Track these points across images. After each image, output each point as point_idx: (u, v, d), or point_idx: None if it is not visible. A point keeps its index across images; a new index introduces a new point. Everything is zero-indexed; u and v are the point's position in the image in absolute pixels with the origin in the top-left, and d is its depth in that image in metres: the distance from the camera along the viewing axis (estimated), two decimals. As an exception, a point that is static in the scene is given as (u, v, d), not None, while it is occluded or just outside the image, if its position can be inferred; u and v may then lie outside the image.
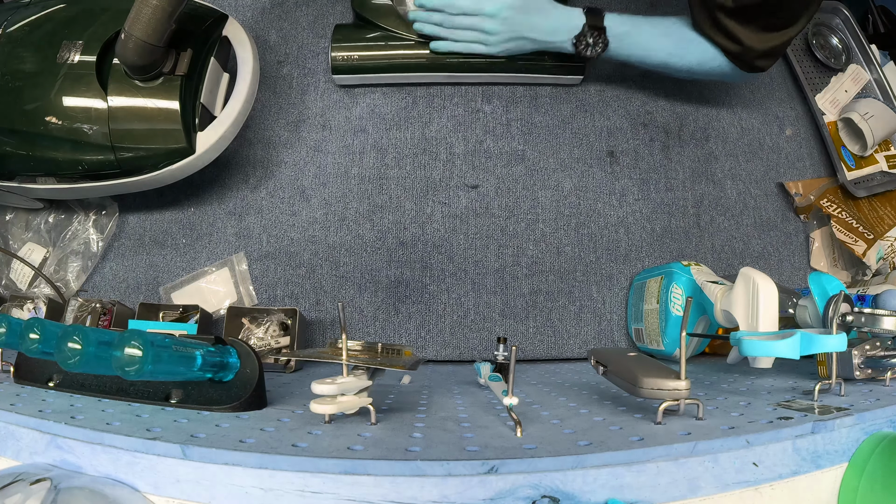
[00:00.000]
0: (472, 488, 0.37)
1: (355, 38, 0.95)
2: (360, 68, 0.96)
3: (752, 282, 0.61)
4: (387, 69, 0.96)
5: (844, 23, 1.14)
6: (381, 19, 0.95)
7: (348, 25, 0.98)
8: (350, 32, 0.96)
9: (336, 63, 0.95)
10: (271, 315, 0.84)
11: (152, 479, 0.40)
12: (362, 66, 0.96)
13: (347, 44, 0.95)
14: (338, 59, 0.95)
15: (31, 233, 0.92)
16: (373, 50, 0.95)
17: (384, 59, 0.96)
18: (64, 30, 0.76)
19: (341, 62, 0.95)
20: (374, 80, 0.99)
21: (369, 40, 0.95)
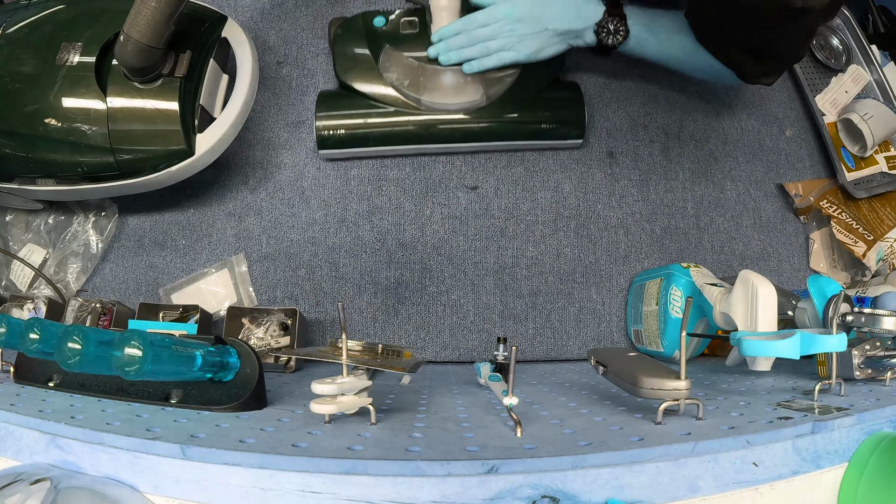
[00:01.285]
0: (472, 488, 0.37)
1: (341, 107, 0.91)
2: (348, 141, 0.92)
3: (751, 285, 0.61)
4: (377, 141, 0.92)
5: (845, 23, 1.14)
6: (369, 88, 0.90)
7: (333, 94, 0.94)
8: (335, 101, 0.92)
9: (322, 136, 0.91)
10: (271, 315, 0.84)
11: (152, 479, 0.40)
12: (350, 139, 0.91)
13: (333, 114, 0.91)
14: (323, 131, 0.90)
15: (30, 234, 0.92)
16: (361, 120, 0.91)
17: (375, 131, 0.91)
18: (63, 31, 0.76)
19: (327, 135, 0.91)
20: (363, 154, 0.95)
21: (357, 111, 0.91)
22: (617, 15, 0.84)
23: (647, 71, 1.04)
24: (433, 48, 0.89)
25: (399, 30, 0.92)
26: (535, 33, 0.87)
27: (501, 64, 0.88)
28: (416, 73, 0.90)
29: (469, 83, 0.90)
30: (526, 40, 0.87)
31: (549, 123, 0.94)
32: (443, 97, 0.90)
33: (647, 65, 0.91)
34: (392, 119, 0.91)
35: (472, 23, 0.87)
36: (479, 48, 0.88)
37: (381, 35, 0.91)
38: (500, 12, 0.86)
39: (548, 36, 0.87)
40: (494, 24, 0.86)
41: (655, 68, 0.91)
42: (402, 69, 0.90)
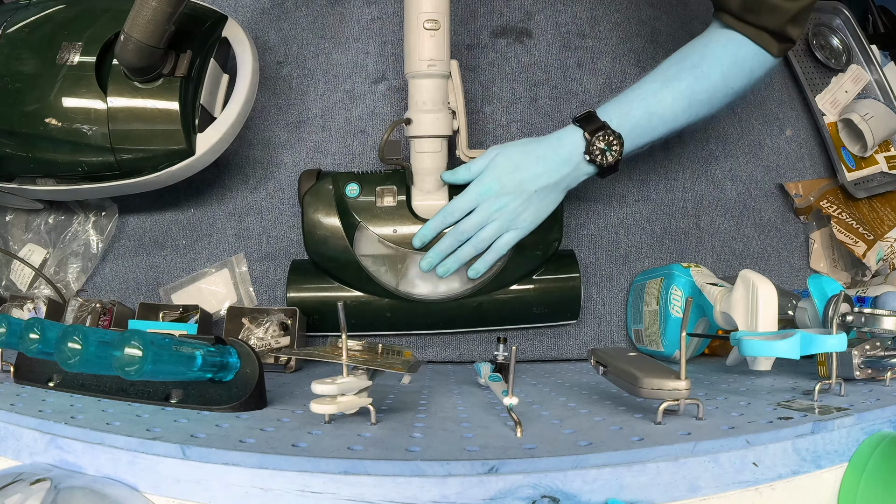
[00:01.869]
0: (472, 488, 0.37)
1: (313, 283, 0.85)
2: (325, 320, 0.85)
3: (751, 284, 0.62)
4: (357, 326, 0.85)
5: (845, 23, 1.14)
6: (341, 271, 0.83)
7: (305, 266, 0.86)
8: (307, 276, 0.85)
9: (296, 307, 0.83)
10: (271, 315, 0.84)
11: (152, 479, 0.40)
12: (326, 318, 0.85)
13: (305, 289, 0.85)
14: (296, 303, 0.84)
15: (30, 234, 0.92)
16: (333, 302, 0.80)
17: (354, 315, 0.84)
18: (63, 31, 0.76)
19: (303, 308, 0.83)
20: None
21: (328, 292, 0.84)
22: (598, 128, 0.74)
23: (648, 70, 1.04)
24: (424, 261, 0.79)
25: (375, 201, 0.82)
26: (527, 200, 0.76)
27: (506, 251, 0.79)
28: (393, 259, 0.82)
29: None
30: (521, 213, 0.76)
31: (540, 309, 0.86)
32: (423, 287, 0.82)
33: (649, 63, 0.90)
34: (367, 304, 0.83)
35: (455, 213, 0.77)
36: (474, 243, 0.77)
37: (355, 208, 0.82)
38: (481, 191, 0.75)
39: (542, 195, 0.76)
40: (480, 207, 0.76)
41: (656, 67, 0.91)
42: (378, 253, 0.82)
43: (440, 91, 0.78)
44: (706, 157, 1.03)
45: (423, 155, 0.79)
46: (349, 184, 0.82)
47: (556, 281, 0.86)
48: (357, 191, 0.82)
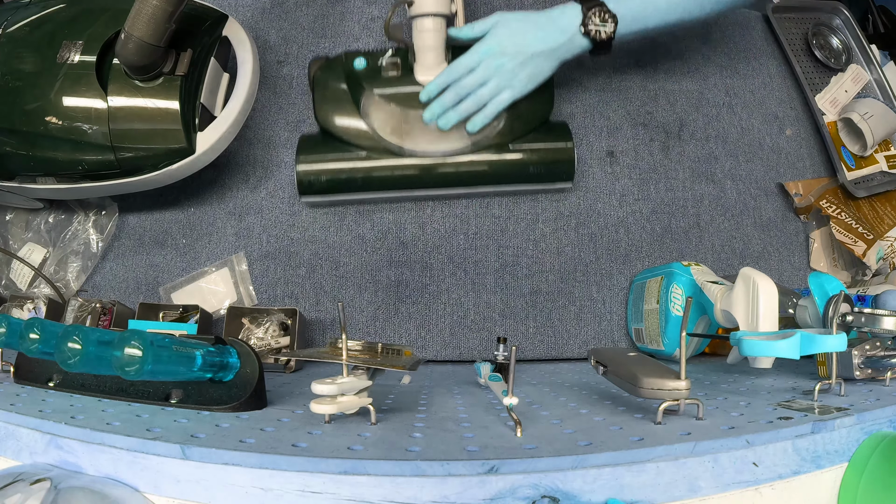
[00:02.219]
0: (472, 488, 0.37)
1: (323, 152, 0.88)
2: (330, 187, 0.88)
3: (752, 282, 0.61)
4: (360, 187, 0.89)
5: (844, 23, 1.14)
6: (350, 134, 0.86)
7: (314, 138, 0.90)
8: (317, 146, 0.88)
9: (304, 182, 0.87)
10: (271, 315, 0.84)
11: (152, 479, 0.40)
12: (332, 184, 0.88)
13: (316, 158, 0.87)
14: (305, 177, 0.87)
15: (30, 233, 0.92)
16: (344, 166, 0.87)
17: (357, 177, 0.87)
18: (64, 30, 0.76)
19: (309, 181, 0.87)
20: (345, 200, 0.92)
21: (339, 155, 0.87)
22: (595, 5, 0.80)
23: (648, 70, 1.04)
24: (427, 112, 0.85)
25: (381, 72, 0.87)
26: (524, 62, 0.82)
27: (503, 108, 0.84)
28: (398, 118, 0.86)
29: (453, 129, 0.86)
30: (518, 73, 0.83)
31: (537, 167, 0.90)
32: (426, 144, 0.86)
33: (649, 62, 0.90)
34: (375, 165, 0.87)
35: (458, 70, 0.83)
36: (474, 99, 0.83)
37: (362, 77, 0.87)
38: (483, 51, 0.81)
39: (538, 61, 0.83)
40: (480, 66, 0.82)
41: (656, 67, 0.91)
42: (384, 115, 0.86)
43: None
44: (706, 156, 1.03)
45: (424, 33, 0.84)
46: (357, 58, 0.88)
47: (551, 143, 0.90)
48: (364, 63, 0.87)
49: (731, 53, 1.10)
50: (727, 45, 1.10)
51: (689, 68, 1.07)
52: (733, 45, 1.10)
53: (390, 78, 0.87)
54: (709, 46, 1.09)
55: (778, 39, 1.11)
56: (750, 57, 1.10)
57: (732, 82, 1.08)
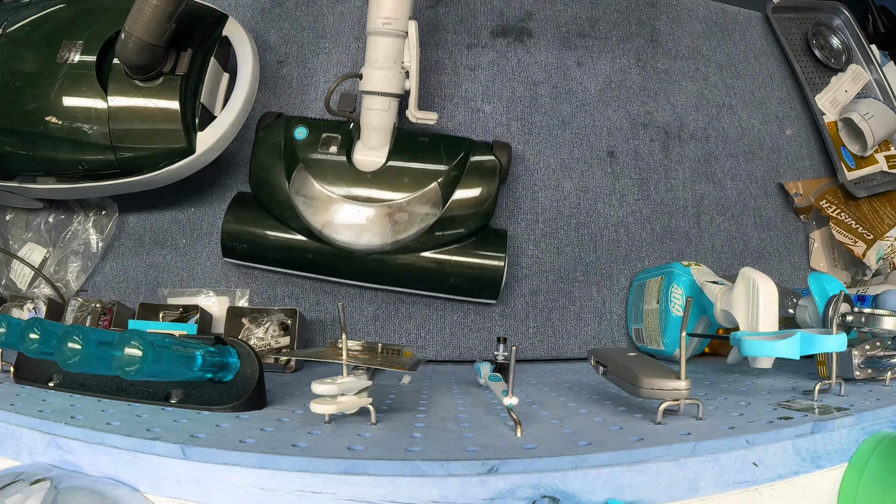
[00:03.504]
0: (472, 488, 0.37)
1: (250, 220, 0.84)
2: (251, 257, 0.86)
3: (752, 282, 0.61)
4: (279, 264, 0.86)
5: (845, 23, 1.14)
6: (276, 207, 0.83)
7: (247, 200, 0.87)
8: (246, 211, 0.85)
9: (226, 245, 0.85)
10: (271, 315, 0.84)
11: (152, 479, 0.40)
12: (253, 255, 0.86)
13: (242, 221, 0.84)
14: (228, 241, 0.84)
15: (31, 233, 0.92)
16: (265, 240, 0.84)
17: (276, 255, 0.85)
18: (64, 30, 0.76)
19: (231, 245, 0.84)
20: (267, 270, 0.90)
21: (263, 228, 0.84)
22: None
23: (648, 70, 1.04)
24: None
25: (318, 146, 0.84)
26: None
27: None
28: (324, 203, 0.82)
29: (377, 224, 0.82)
30: None
31: (458, 280, 0.85)
32: (346, 235, 0.82)
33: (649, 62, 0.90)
34: (296, 245, 0.84)
35: None
36: None
37: (298, 149, 0.84)
38: None
39: None
40: None
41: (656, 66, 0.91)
42: (310, 195, 0.82)
43: (394, 49, 0.80)
44: (706, 156, 1.03)
45: (372, 112, 0.82)
46: (298, 126, 0.85)
47: (479, 256, 0.85)
48: (304, 133, 0.84)
49: (731, 53, 1.10)
50: (727, 45, 1.10)
51: (689, 68, 1.07)
52: (733, 44, 1.10)
53: (326, 156, 0.84)
54: (709, 46, 1.09)
55: (778, 39, 1.11)
56: (750, 57, 1.11)
57: (732, 82, 1.08)
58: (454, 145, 0.86)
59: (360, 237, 0.82)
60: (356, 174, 0.83)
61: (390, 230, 0.82)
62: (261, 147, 0.85)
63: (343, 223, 0.82)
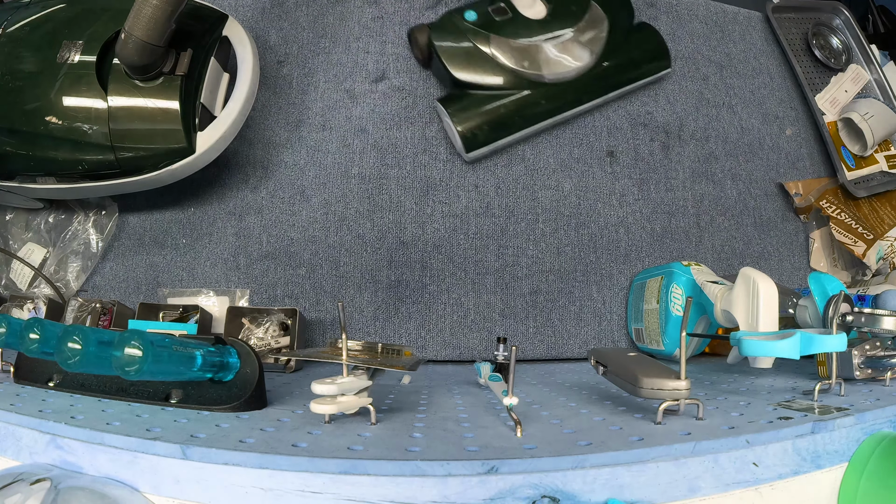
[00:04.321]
0: (472, 488, 0.37)
1: (475, 105, 0.92)
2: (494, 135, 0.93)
3: (752, 282, 0.61)
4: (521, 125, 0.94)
5: (845, 23, 1.14)
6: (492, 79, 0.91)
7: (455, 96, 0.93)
8: (464, 102, 0.92)
9: (468, 138, 0.92)
10: (271, 315, 0.84)
11: (152, 479, 0.40)
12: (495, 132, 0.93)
13: (472, 113, 0.92)
14: (468, 133, 0.91)
15: (30, 233, 0.92)
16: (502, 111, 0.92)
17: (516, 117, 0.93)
18: (64, 30, 0.76)
19: (473, 136, 0.92)
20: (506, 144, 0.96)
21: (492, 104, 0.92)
22: None
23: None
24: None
25: (494, 17, 0.93)
26: None
27: None
28: (531, 52, 0.92)
29: (576, 47, 0.93)
30: None
31: (645, 62, 1.00)
32: (562, 67, 0.93)
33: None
34: (527, 100, 0.93)
35: None
36: None
37: (479, 27, 0.92)
38: None
39: None
40: None
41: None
42: (516, 53, 0.91)
43: None
44: (706, 156, 1.03)
45: None
46: (466, 12, 0.93)
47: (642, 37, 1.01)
48: (474, 14, 0.93)
49: (731, 53, 1.10)
50: (727, 45, 1.10)
51: (689, 68, 1.07)
52: (733, 44, 1.11)
53: (505, 20, 0.93)
54: (709, 46, 1.09)
55: (778, 39, 1.11)
56: (750, 57, 1.11)
57: (732, 82, 1.08)
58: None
59: (572, 62, 0.94)
60: (534, 23, 0.94)
61: (587, 48, 0.94)
62: (443, 44, 0.92)
63: (556, 59, 0.93)
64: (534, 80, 0.92)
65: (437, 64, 0.93)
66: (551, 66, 0.93)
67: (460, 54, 0.92)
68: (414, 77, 1.00)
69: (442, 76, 0.96)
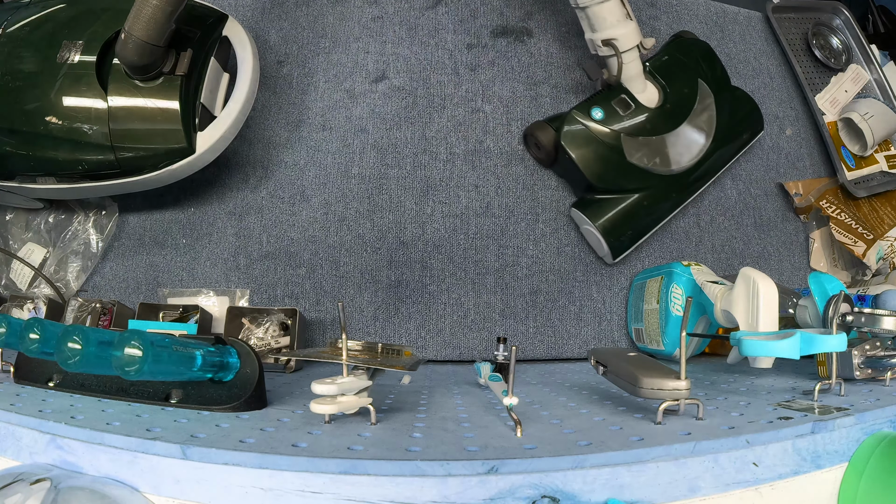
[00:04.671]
0: (472, 488, 0.37)
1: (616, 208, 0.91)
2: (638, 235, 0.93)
3: (752, 282, 0.61)
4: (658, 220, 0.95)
5: (845, 23, 1.14)
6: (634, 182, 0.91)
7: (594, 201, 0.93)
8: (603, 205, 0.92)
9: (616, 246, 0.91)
10: (271, 315, 0.84)
11: (152, 479, 0.40)
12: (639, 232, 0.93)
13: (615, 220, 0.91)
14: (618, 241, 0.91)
15: (31, 233, 0.92)
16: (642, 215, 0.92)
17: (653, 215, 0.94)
18: (64, 30, 0.76)
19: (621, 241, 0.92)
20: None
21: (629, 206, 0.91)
22: None
23: (648, 70, 1.04)
24: None
25: (619, 112, 0.91)
26: None
27: None
28: (659, 147, 0.92)
29: (694, 132, 0.94)
30: None
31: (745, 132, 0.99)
32: (687, 157, 0.93)
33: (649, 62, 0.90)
34: (658, 196, 0.93)
35: None
36: None
37: (608, 126, 0.90)
38: None
39: None
40: None
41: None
42: (646, 151, 0.91)
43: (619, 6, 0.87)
44: (706, 156, 1.03)
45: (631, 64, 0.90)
46: (591, 109, 0.91)
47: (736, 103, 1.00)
48: (601, 113, 0.91)
49: (731, 53, 1.10)
50: (727, 45, 1.10)
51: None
52: (733, 44, 1.10)
53: (628, 114, 0.91)
54: (709, 46, 1.09)
55: (778, 39, 1.11)
56: (750, 57, 1.11)
57: (732, 82, 1.08)
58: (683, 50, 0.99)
59: (692, 150, 0.94)
60: (653, 112, 0.93)
61: (704, 134, 0.95)
62: (575, 148, 0.90)
63: (678, 150, 0.93)
64: (664, 174, 0.92)
65: (568, 166, 0.92)
66: (677, 158, 0.93)
67: (593, 157, 0.90)
68: (414, 77, 1.00)
69: (572, 179, 0.97)
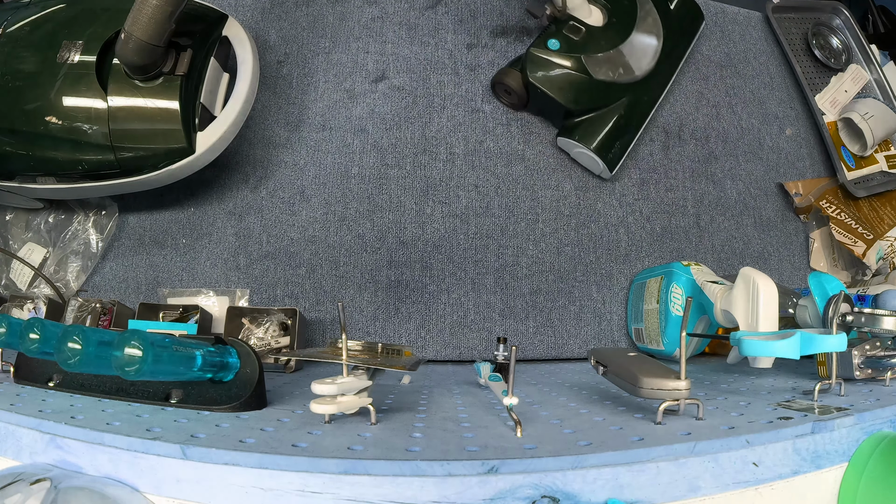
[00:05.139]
0: (472, 488, 0.37)
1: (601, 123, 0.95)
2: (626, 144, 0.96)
3: (752, 282, 0.61)
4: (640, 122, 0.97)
5: (844, 23, 1.14)
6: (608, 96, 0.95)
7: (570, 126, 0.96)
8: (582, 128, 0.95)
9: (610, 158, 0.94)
10: (271, 315, 0.84)
11: (152, 479, 0.40)
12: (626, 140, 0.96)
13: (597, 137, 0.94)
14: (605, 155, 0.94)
15: (30, 233, 0.92)
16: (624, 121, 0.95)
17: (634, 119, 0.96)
18: (64, 30, 0.76)
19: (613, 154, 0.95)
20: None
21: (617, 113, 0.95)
22: None
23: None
24: None
25: (573, 39, 0.93)
26: None
27: None
28: (617, 59, 0.94)
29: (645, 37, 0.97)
30: None
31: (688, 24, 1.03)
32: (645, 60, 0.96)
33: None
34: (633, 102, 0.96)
35: None
36: None
37: (567, 51, 0.93)
38: None
39: None
40: None
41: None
42: (608, 65, 0.94)
43: None
44: (706, 156, 1.03)
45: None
46: (548, 41, 0.94)
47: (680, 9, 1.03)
48: (556, 43, 0.94)
49: (731, 53, 1.10)
50: (727, 45, 1.10)
51: (689, 68, 1.07)
52: (733, 45, 1.11)
53: (583, 37, 0.94)
54: (709, 46, 1.09)
55: (778, 39, 1.11)
56: (750, 57, 1.11)
57: (732, 82, 1.08)
58: None
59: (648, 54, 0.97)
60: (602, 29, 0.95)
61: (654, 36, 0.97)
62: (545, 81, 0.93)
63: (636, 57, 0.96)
64: (630, 82, 0.94)
65: (542, 101, 0.95)
66: (637, 64, 0.95)
67: (563, 85, 0.92)
68: (414, 77, 1.00)
69: (548, 112, 0.98)
